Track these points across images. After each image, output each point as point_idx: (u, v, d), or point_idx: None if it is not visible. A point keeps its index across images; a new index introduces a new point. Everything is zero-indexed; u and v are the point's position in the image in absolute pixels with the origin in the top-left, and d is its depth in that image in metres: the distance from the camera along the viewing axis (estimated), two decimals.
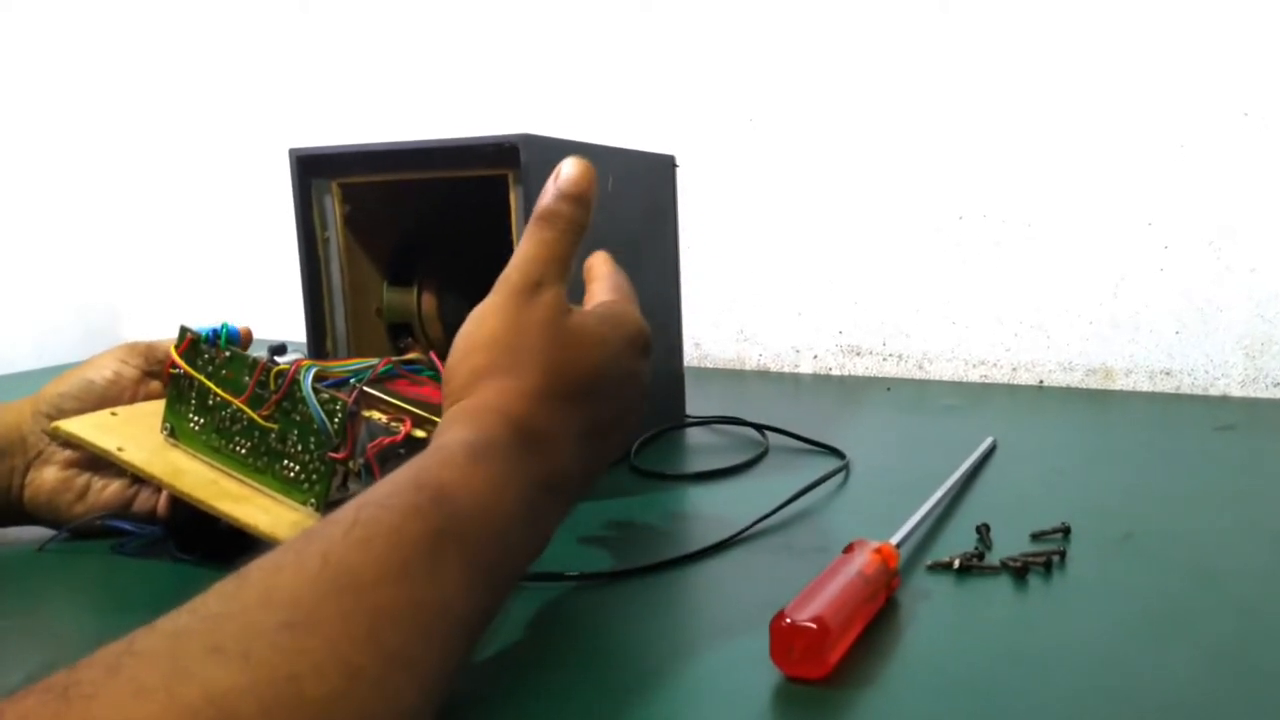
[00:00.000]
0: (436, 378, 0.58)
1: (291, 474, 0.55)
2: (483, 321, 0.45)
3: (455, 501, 0.37)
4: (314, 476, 0.54)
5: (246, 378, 0.56)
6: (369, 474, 0.53)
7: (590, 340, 0.45)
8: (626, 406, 0.48)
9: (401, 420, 0.53)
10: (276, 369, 0.55)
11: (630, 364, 0.47)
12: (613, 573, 0.53)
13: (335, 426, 0.53)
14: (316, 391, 0.53)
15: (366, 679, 0.30)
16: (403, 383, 0.57)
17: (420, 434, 0.53)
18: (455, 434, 0.40)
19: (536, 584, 0.52)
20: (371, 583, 0.32)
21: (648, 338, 0.49)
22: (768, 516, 0.60)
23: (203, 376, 0.57)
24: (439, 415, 0.53)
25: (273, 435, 0.55)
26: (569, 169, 0.47)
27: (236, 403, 0.56)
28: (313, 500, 0.54)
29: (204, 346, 0.58)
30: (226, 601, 0.31)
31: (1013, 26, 0.97)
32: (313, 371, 0.54)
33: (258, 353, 0.58)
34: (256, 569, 0.32)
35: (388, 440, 0.53)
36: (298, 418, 0.54)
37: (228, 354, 0.57)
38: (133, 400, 0.61)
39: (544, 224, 0.47)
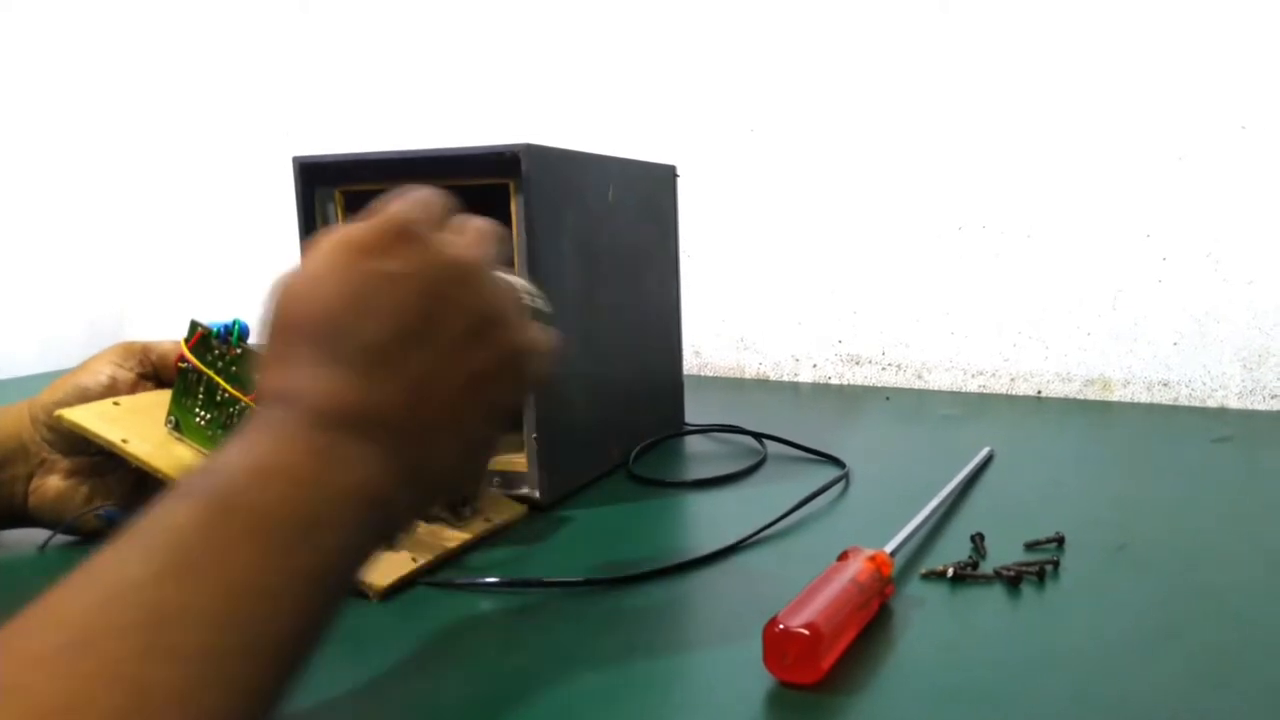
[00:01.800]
0: None
1: None
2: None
3: (221, 472, 0.34)
4: None
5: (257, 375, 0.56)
6: None
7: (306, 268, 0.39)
8: (413, 325, 0.38)
9: None
10: None
11: (371, 264, 0.38)
12: (610, 580, 0.54)
13: None
14: None
15: (157, 689, 0.27)
16: None
17: None
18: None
19: (535, 590, 0.52)
20: (144, 582, 0.29)
21: (462, 267, 0.40)
22: (767, 527, 0.60)
23: (212, 372, 0.58)
24: None
25: None
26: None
27: (246, 400, 0.57)
28: None
29: (215, 342, 0.58)
30: (14, 631, 0.28)
31: (1012, 38, 0.97)
32: None
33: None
34: (51, 591, 0.30)
35: None
36: None
37: (239, 350, 0.57)
38: None
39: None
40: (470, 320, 0.40)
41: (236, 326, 0.59)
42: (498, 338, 0.41)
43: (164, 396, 0.60)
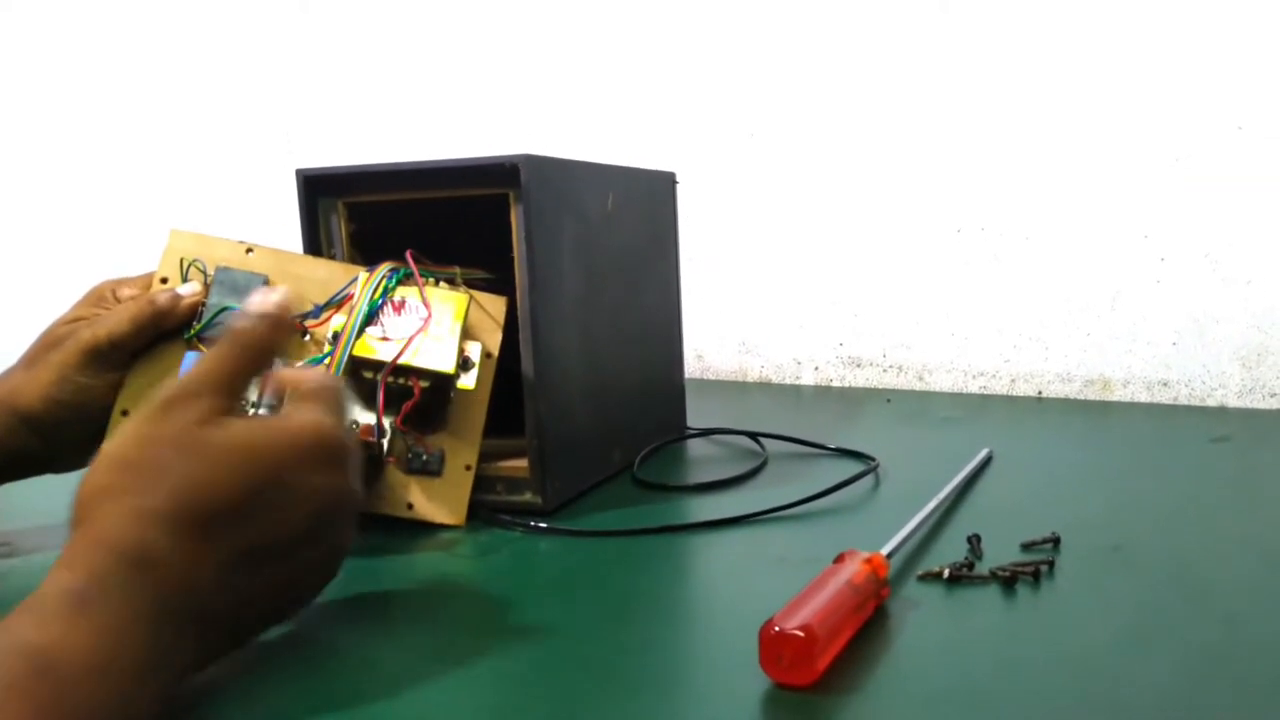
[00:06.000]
0: (408, 275, 0.62)
1: None
2: (121, 437, 0.42)
3: (61, 668, 0.33)
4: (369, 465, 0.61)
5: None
6: (404, 435, 0.62)
7: (239, 455, 0.41)
8: (305, 524, 0.42)
9: (409, 379, 0.60)
10: None
11: (305, 477, 0.42)
12: (611, 532, 0.58)
13: (377, 453, 0.59)
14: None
15: None
16: (395, 306, 0.61)
17: (425, 384, 0.60)
18: (58, 580, 0.36)
19: (565, 536, 0.53)
20: None
21: (332, 446, 0.44)
22: (792, 505, 0.64)
23: None
24: (427, 359, 0.59)
25: None
26: (267, 295, 0.47)
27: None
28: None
29: None
30: None
31: (1010, 40, 0.98)
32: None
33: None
34: None
35: (409, 405, 0.60)
36: None
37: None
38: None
39: (226, 340, 0.45)
40: (317, 507, 0.43)
41: None
42: (332, 537, 0.44)
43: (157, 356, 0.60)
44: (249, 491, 0.40)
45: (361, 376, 0.60)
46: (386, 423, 0.59)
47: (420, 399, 0.60)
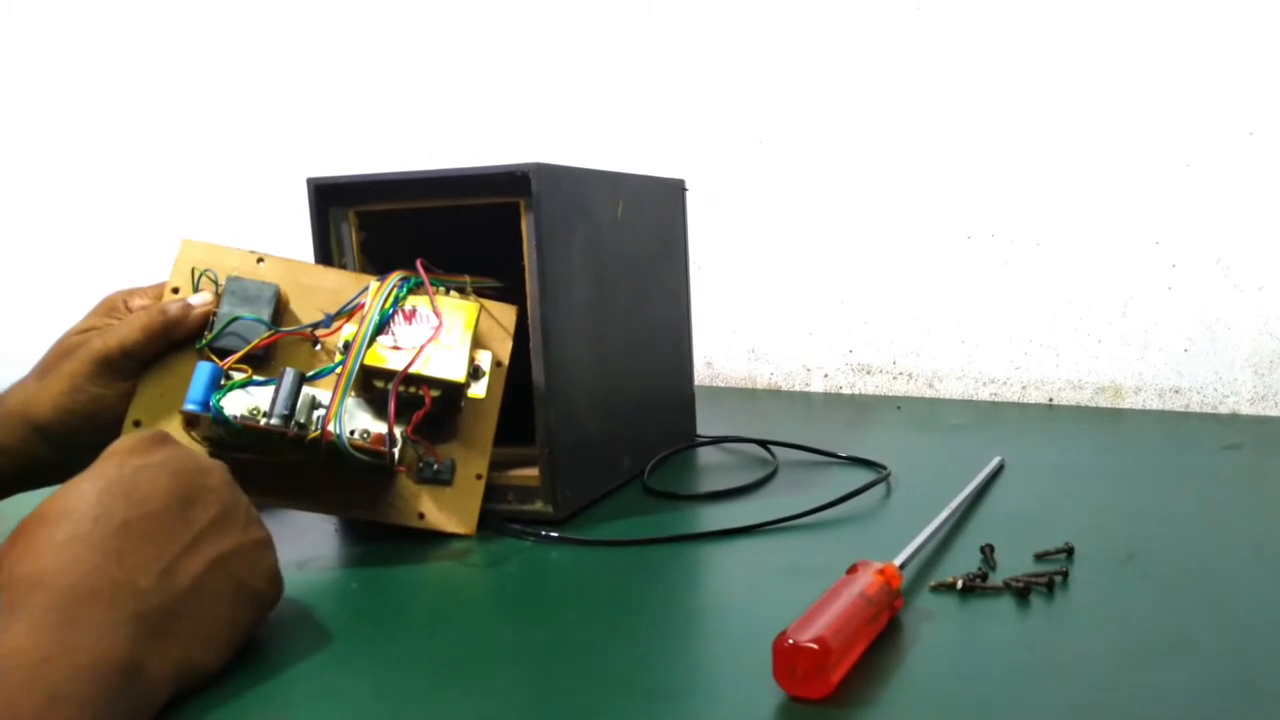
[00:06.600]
0: (419, 284, 0.62)
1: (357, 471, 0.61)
2: None
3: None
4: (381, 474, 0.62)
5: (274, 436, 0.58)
6: (416, 445, 0.62)
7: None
8: (170, 507, 0.44)
9: (420, 388, 0.59)
10: (311, 436, 0.57)
11: (133, 460, 0.45)
12: (622, 541, 0.57)
13: (389, 462, 0.59)
14: (360, 448, 0.58)
15: None
16: (405, 315, 0.61)
17: (436, 393, 0.60)
18: None
19: (576, 546, 0.53)
20: None
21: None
22: (806, 514, 0.64)
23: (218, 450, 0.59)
24: (437, 368, 0.59)
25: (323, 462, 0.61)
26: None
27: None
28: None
29: (214, 423, 0.57)
30: None
31: (1020, 47, 0.98)
32: (349, 429, 0.58)
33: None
34: None
35: (420, 414, 0.59)
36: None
37: (241, 426, 0.57)
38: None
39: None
40: (220, 508, 0.46)
41: (216, 406, 0.56)
42: (242, 525, 0.47)
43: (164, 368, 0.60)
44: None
45: (373, 385, 0.60)
46: (397, 432, 0.59)
47: (431, 408, 0.60)
